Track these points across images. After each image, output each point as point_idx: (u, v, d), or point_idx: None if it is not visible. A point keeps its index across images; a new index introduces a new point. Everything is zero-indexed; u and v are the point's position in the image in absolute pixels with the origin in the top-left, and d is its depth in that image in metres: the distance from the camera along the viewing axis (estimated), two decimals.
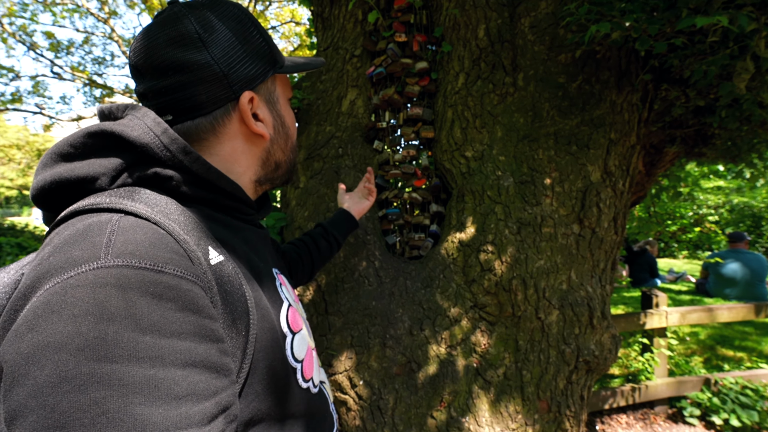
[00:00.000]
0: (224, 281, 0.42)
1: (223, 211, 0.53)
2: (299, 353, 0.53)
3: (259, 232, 0.60)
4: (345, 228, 1.11)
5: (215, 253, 0.44)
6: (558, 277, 1.27)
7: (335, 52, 1.75)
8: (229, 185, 0.51)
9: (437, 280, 1.32)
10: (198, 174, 0.47)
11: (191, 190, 0.48)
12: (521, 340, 1.24)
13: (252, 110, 0.55)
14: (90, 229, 0.36)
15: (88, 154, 0.45)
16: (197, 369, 0.34)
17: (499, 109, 1.41)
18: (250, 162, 0.57)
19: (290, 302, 0.56)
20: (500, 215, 1.31)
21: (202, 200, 0.49)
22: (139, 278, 0.34)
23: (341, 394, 1.21)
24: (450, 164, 1.46)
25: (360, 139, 1.62)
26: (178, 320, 0.34)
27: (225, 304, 0.41)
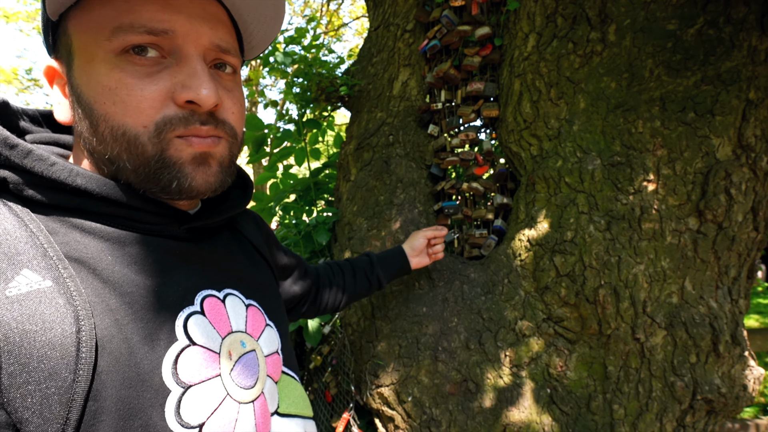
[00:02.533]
0: (28, 318, 0.31)
1: (102, 220, 0.39)
2: (194, 415, 0.37)
3: (174, 245, 0.44)
4: (395, 271, 0.96)
5: (33, 278, 0.33)
6: (665, 287, 0.97)
7: (386, 30, 1.59)
8: (98, 185, 0.38)
9: (501, 285, 1.11)
10: (35, 173, 0.36)
11: (40, 194, 0.37)
12: (611, 365, 0.98)
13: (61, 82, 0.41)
14: None
15: None
16: None
17: (582, 74, 1.13)
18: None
19: (194, 341, 0.40)
20: (583, 207, 1.05)
21: (66, 208, 0.38)
22: None
23: (388, 409, 1.10)
24: (518, 147, 1.22)
25: (413, 125, 1.46)
26: None
27: (23, 353, 0.30)
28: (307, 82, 1.64)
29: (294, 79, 1.69)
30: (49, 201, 0.37)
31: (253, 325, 0.48)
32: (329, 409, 1.29)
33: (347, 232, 1.40)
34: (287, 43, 1.72)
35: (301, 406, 0.52)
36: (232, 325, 0.45)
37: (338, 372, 1.27)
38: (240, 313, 0.47)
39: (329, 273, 0.85)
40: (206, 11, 0.40)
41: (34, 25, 6.19)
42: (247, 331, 0.47)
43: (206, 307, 0.43)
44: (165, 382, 0.37)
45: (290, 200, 1.93)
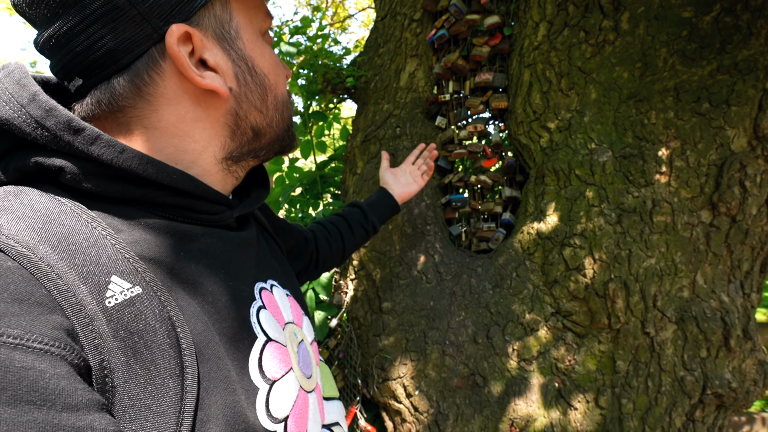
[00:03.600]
0: (134, 328, 0.29)
1: (166, 212, 0.37)
2: (280, 409, 0.38)
3: (233, 236, 0.43)
4: (386, 213, 0.95)
5: (125, 285, 0.30)
6: (676, 281, 0.96)
7: (393, 19, 1.57)
8: (167, 174, 0.35)
9: (509, 279, 1.10)
10: (103, 161, 0.32)
11: (100, 185, 0.33)
12: (621, 359, 0.97)
13: (195, 54, 0.36)
14: None
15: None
16: None
17: (594, 63, 1.10)
18: (211, 132, 0.39)
19: (270, 336, 0.40)
20: (593, 200, 1.03)
21: (123, 200, 0.34)
22: None
23: (395, 402, 1.10)
24: (527, 138, 1.20)
25: (420, 116, 1.44)
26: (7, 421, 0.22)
27: (133, 362, 0.28)
28: (312, 74, 1.63)
29: (299, 70, 1.67)
30: (108, 193, 0.33)
31: (296, 314, 0.48)
32: None
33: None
34: (292, 34, 1.70)
35: (334, 390, 0.54)
36: (285, 316, 0.45)
37: (345, 365, 1.28)
38: (285, 304, 0.47)
39: (325, 233, 0.84)
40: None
41: None
42: (294, 321, 0.47)
43: (264, 299, 0.43)
44: (253, 380, 0.36)
45: (296, 194, 1.92)
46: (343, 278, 1.36)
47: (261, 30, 0.42)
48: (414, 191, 1.01)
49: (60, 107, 0.32)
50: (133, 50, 0.34)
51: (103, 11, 0.32)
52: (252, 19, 0.40)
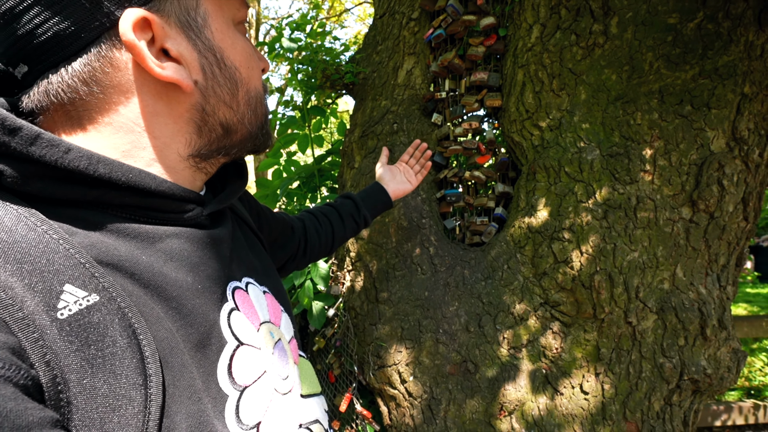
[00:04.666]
0: (90, 338, 0.27)
1: (124, 215, 0.34)
2: (251, 415, 0.37)
3: (202, 235, 0.39)
4: (379, 208, 0.95)
5: (80, 294, 0.27)
6: (658, 273, 1.02)
7: (391, 18, 1.60)
8: (122, 173, 0.32)
9: (500, 271, 1.15)
10: (46, 162, 0.29)
11: (47, 188, 0.30)
12: (604, 347, 1.02)
13: (155, 43, 0.33)
14: None
15: None
16: None
17: (584, 66, 1.15)
18: (174, 129, 0.36)
19: (241, 340, 0.38)
20: (581, 196, 1.08)
21: (76, 203, 0.32)
22: None
23: (390, 388, 1.14)
24: (520, 136, 1.25)
25: (417, 113, 1.48)
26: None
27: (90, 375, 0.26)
28: (311, 69, 1.65)
29: (298, 65, 1.70)
30: (58, 196, 0.31)
31: (273, 312, 0.46)
32: (332, 389, 1.34)
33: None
34: (292, 30, 1.72)
35: (315, 385, 0.52)
36: (260, 316, 0.43)
37: (341, 353, 1.32)
38: (261, 302, 0.45)
39: (315, 222, 0.83)
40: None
41: None
42: (270, 320, 0.45)
43: (238, 300, 0.41)
44: (222, 387, 0.35)
45: (293, 187, 1.95)
46: (341, 269, 1.39)
47: (234, 19, 0.39)
48: (408, 190, 1.01)
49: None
50: (82, 35, 0.31)
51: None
52: (223, 6, 0.37)
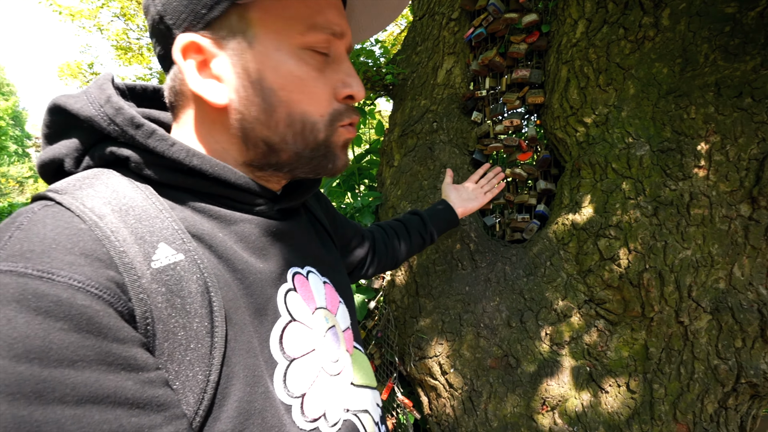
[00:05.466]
0: (173, 288, 0.33)
1: (213, 200, 0.41)
2: (297, 386, 0.41)
3: (273, 225, 0.46)
4: (443, 226, 1.00)
5: (170, 251, 0.34)
6: (713, 272, 0.98)
7: (431, 19, 1.63)
8: (210, 166, 0.39)
9: (543, 267, 1.15)
10: (158, 153, 0.37)
11: (159, 173, 0.38)
12: (653, 347, 1.00)
13: (205, 63, 0.39)
14: (7, 221, 0.31)
15: (58, 134, 0.39)
16: (101, 406, 0.27)
17: (633, 60, 1.13)
18: (226, 137, 0.42)
19: (294, 317, 0.43)
20: (629, 193, 1.06)
21: (179, 186, 0.39)
22: (19, 288, 0.26)
23: (431, 378, 1.18)
24: (563, 133, 1.24)
25: (456, 112, 1.50)
26: (70, 344, 0.26)
27: (170, 319, 0.32)
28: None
29: None
30: (164, 180, 0.38)
31: (330, 301, 0.51)
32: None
33: (391, 215, 1.48)
34: None
35: (369, 378, 0.55)
36: (317, 301, 0.48)
37: (382, 344, 1.37)
38: (320, 290, 0.50)
39: (384, 236, 0.87)
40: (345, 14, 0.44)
41: (94, 22, 6.65)
42: (327, 307, 0.49)
43: (296, 283, 0.46)
44: (273, 354, 0.40)
45: (333, 185, 2.03)
46: None
47: (298, 44, 0.40)
48: (474, 208, 1.05)
49: (126, 107, 0.37)
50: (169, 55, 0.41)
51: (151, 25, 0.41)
52: (280, 31, 0.39)
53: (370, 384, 0.54)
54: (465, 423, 1.09)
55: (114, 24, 6.92)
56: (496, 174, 1.14)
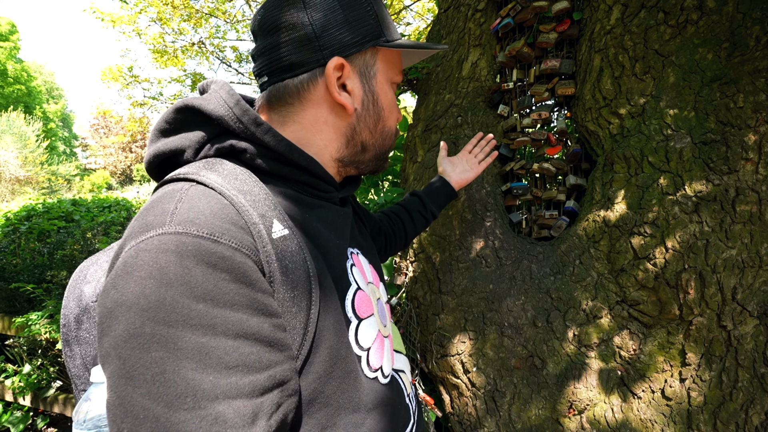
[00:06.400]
0: (286, 255, 0.41)
1: (299, 187, 0.51)
2: (365, 341, 0.49)
3: (338, 210, 0.56)
4: (443, 200, 1.03)
5: (280, 226, 0.42)
6: (761, 274, 0.91)
7: (456, 11, 1.60)
8: (303, 159, 0.49)
9: (571, 266, 1.10)
10: (269, 146, 0.47)
11: (266, 163, 0.47)
12: (691, 352, 0.94)
13: (341, 79, 0.51)
14: (164, 196, 0.39)
15: (179, 128, 0.48)
16: (249, 341, 0.34)
17: (674, 46, 1.05)
18: (333, 136, 0.54)
19: (359, 286, 0.52)
20: (667, 188, 1.00)
21: (277, 175, 0.49)
22: (195, 246, 0.34)
23: (453, 377, 1.16)
24: (595, 125, 1.18)
25: (482, 105, 1.46)
26: (230, 291, 0.34)
27: (285, 279, 0.40)
28: None
29: None
30: (269, 168, 0.48)
31: (375, 278, 0.60)
32: None
33: None
34: None
35: (402, 346, 0.64)
36: (367, 276, 0.57)
37: (404, 341, 1.36)
38: (367, 268, 0.59)
39: (390, 222, 0.95)
40: None
41: (133, 27, 6.98)
42: (373, 282, 0.59)
43: (354, 260, 0.55)
44: (348, 314, 0.48)
45: None
46: (404, 260, 1.43)
47: (391, 80, 0.57)
48: (470, 178, 1.07)
49: (251, 109, 0.47)
50: (305, 66, 0.50)
51: (296, 39, 0.49)
52: (388, 70, 0.56)
53: (403, 351, 0.64)
54: (487, 423, 1.06)
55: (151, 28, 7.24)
56: (489, 142, 1.13)
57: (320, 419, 0.41)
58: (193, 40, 7.97)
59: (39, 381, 2.21)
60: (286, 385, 0.36)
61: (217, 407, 0.31)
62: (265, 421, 0.34)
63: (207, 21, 7.76)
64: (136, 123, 9.60)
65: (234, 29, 12.87)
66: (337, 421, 0.43)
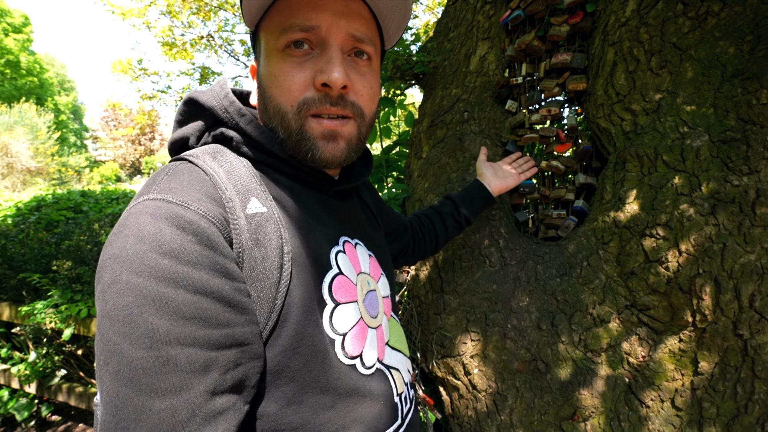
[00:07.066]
0: (258, 230, 0.44)
1: (286, 176, 0.53)
2: (340, 326, 0.50)
3: (330, 200, 0.57)
4: (479, 206, 1.01)
5: (258, 204, 0.45)
6: None
7: (465, 2, 1.55)
8: (282, 150, 0.51)
9: (579, 268, 1.07)
10: (251, 136, 0.50)
11: (252, 152, 0.50)
12: (705, 360, 0.90)
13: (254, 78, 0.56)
14: (159, 171, 0.45)
15: (188, 119, 0.54)
16: (208, 298, 0.37)
17: (693, 39, 1.00)
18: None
19: (341, 271, 0.52)
20: (682, 188, 0.95)
21: (264, 162, 0.51)
22: (168, 210, 0.39)
23: (453, 378, 1.13)
24: (607, 122, 1.13)
25: (489, 100, 1.42)
26: (194, 252, 0.38)
27: (256, 250, 0.43)
28: (383, 61, 1.67)
29: None
30: (255, 157, 0.51)
31: (373, 270, 0.60)
32: None
33: (418, 208, 1.43)
34: None
35: (403, 345, 0.63)
36: (362, 267, 0.57)
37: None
38: (365, 259, 0.59)
39: (420, 224, 0.94)
40: (347, 7, 0.48)
41: (143, 20, 7.00)
42: (369, 273, 0.58)
43: (346, 248, 0.56)
44: (324, 296, 0.49)
45: None
46: None
47: (277, 47, 0.48)
48: (511, 184, 1.07)
49: (237, 101, 0.51)
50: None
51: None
52: (268, 41, 0.50)
53: (403, 350, 0.62)
54: (488, 427, 1.04)
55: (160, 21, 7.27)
56: (527, 161, 1.14)
57: (286, 392, 0.43)
58: (201, 33, 7.97)
59: (44, 369, 2.23)
60: (246, 347, 0.39)
61: (170, 350, 0.35)
62: (219, 374, 0.36)
63: (216, 14, 7.75)
64: (145, 116, 9.66)
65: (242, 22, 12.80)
66: (304, 399, 0.44)
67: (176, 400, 0.34)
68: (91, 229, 2.51)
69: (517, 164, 1.14)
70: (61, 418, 2.48)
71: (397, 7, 0.52)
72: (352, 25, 0.48)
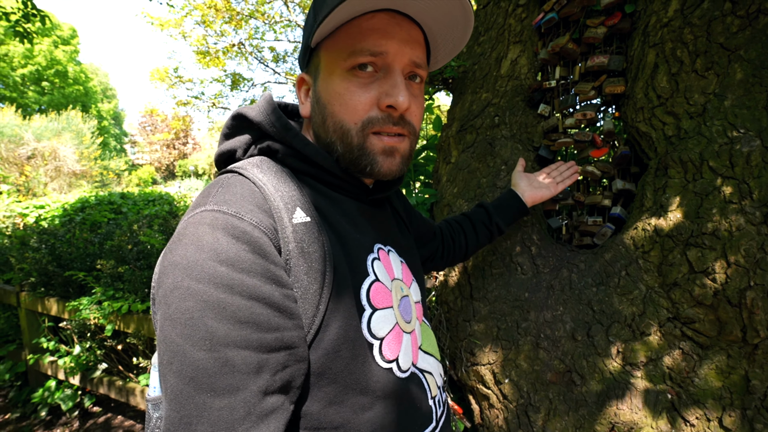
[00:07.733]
0: (304, 238, 0.46)
1: (326, 185, 0.56)
2: (378, 330, 0.52)
3: (366, 208, 0.60)
4: (512, 215, 1.00)
5: (302, 214, 0.48)
6: None
7: (496, 6, 1.54)
8: (326, 162, 0.54)
9: (617, 277, 1.03)
10: (297, 149, 0.53)
11: (295, 163, 0.54)
12: (756, 379, 0.84)
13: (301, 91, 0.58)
14: (213, 184, 0.48)
15: (235, 133, 0.58)
16: (260, 303, 0.40)
17: (742, 39, 0.95)
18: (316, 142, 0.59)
19: (378, 278, 0.54)
20: (731, 196, 0.90)
21: (307, 173, 0.55)
22: (224, 221, 0.42)
23: (483, 387, 1.11)
24: (647, 126, 1.09)
25: (521, 105, 1.40)
26: (248, 260, 0.40)
27: (302, 258, 0.45)
28: None
29: None
30: (298, 168, 0.54)
31: (405, 276, 0.62)
32: None
33: (446, 214, 1.42)
34: None
35: (435, 350, 0.64)
36: (395, 273, 0.60)
37: None
38: (398, 266, 0.61)
39: (451, 231, 0.94)
40: (410, 36, 0.52)
41: (179, 30, 7.35)
42: (402, 279, 0.61)
43: (380, 255, 0.58)
44: (362, 302, 0.51)
45: None
46: None
47: (344, 67, 0.51)
48: (546, 196, 1.05)
49: (283, 116, 0.54)
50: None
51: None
52: (332, 61, 0.53)
53: (435, 354, 0.64)
54: None
55: (195, 31, 7.60)
56: (570, 167, 1.11)
57: (328, 393, 0.45)
58: (233, 42, 8.28)
59: (87, 362, 2.37)
60: (294, 350, 0.42)
61: (228, 352, 0.37)
62: (270, 375, 0.39)
63: (247, 22, 8.02)
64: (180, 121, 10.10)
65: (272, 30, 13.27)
66: (344, 399, 0.46)
67: (234, 399, 0.36)
68: (131, 230, 2.65)
69: (558, 172, 1.11)
70: (102, 409, 2.62)
71: (452, 39, 0.57)
72: (414, 53, 0.52)
